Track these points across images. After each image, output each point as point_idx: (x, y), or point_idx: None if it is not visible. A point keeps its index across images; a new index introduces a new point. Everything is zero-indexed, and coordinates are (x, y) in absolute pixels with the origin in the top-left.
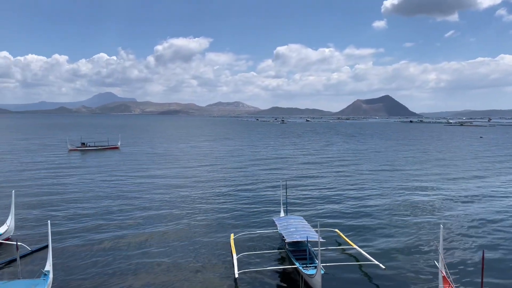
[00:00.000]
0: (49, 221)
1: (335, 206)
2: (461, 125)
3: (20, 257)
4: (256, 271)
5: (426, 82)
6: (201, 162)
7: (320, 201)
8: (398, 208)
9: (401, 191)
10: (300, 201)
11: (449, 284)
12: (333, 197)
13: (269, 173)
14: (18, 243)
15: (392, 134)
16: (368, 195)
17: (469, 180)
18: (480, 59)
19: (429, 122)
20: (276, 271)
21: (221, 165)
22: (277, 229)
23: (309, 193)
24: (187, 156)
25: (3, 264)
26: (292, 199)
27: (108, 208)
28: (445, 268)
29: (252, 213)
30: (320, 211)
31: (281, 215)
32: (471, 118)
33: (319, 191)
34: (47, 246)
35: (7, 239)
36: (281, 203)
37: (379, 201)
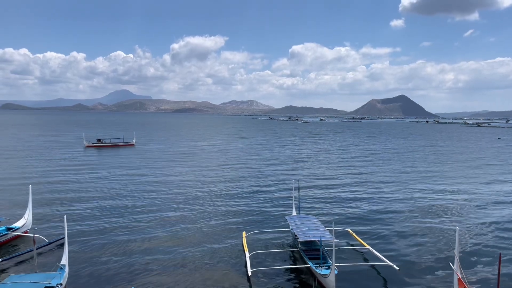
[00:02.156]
0: (65, 216)
1: (348, 206)
2: (479, 126)
3: (37, 249)
4: (269, 269)
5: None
6: (215, 160)
7: (332, 200)
8: (413, 208)
9: (416, 192)
10: (312, 200)
11: (465, 286)
12: (345, 196)
13: (282, 172)
14: (36, 235)
15: (408, 134)
16: (382, 195)
17: (487, 182)
18: (499, 59)
19: (445, 123)
20: (289, 270)
21: (234, 164)
22: (289, 228)
23: (321, 192)
24: (201, 155)
25: (21, 256)
26: (304, 198)
27: (124, 206)
28: (460, 271)
29: (264, 211)
30: (332, 210)
31: (293, 214)
32: (488, 119)
33: (332, 191)
34: (63, 239)
35: (25, 232)
36: (293, 202)
37: (394, 201)
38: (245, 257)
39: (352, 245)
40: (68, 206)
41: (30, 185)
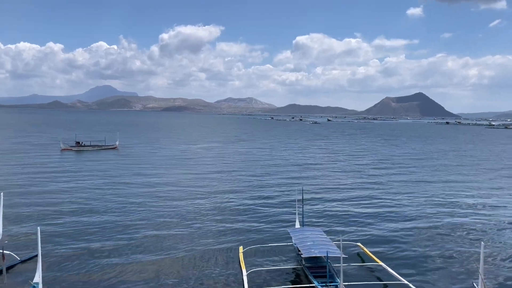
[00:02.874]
0: (38, 228)
1: (358, 217)
2: (506, 127)
3: (7, 268)
4: None
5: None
6: (209, 166)
7: (340, 211)
8: (433, 221)
9: (436, 203)
10: (318, 211)
11: None
12: (355, 207)
13: (284, 179)
14: (5, 252)
15: (427, 137)
16: (397, 206)
17: None
18: None
19: (468, 124)
20: None
21: (231, 170)
22: (292, 242)
23: (328, 202)
24: (194, 159)
25: None
26: (309, 208)
27: (104, 220)
28: None
29: (263, 223)
30: (340, 222)
31: (296, 227)
32: None
33: (340, 200)
34: (36, 256)
35: None
36: (297, 213)
37: (410, 212)
38: (242, 275)
39: (363, 262)
40: (42, 219)
41: (1, 193)
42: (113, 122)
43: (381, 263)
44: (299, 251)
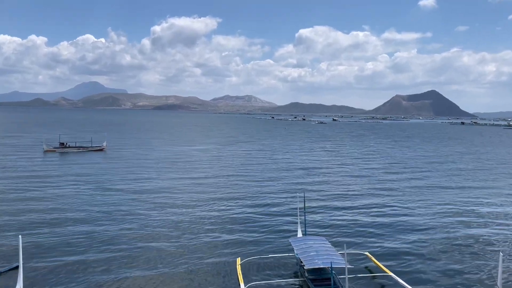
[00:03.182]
0: (20, 237)
1: (365, 224)
2: None
3: None
4: None
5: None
6: (205, 169)
7: (346, 220)
8: (448, 231)
9: (452, 211)
10: (321, 219)
11: None
12: (363, 215)
13: (286, 184)
14: None
15: (441, 138)
16: (409, 214)
17: None
18: None
19: (485, 124)
20: None
21: (227, 174)
22: (293, 252)
23: (333, 208)
24: (189, 162)
25: None
26: (312, 216)
27: (90, 225)
28: None
29: (263, 232)
30: (346, 230)
31: (298, 236)
32: None
33: (346, 206)
34: (17, 267)
35: None
36: (299, 221)
37: (423, 219)
38: None
39: (370, 272)
40: (24, 228)
41: None
42: (100, 121)
43: (390, 273)
44: (301, 262)
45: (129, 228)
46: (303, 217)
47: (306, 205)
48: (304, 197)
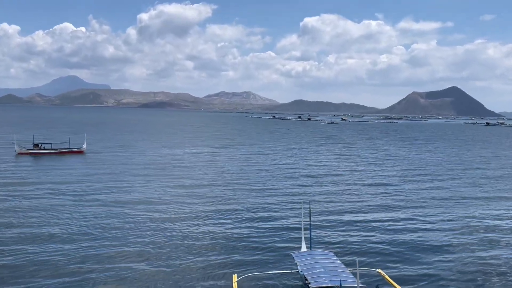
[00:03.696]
0: None
1: (378, 238)
2: None
3: None
4: None
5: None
6: (197, 176)
7: (357, 233)
8: (471, 247)
9: (477, 227)
10: (329, 231)
11: None
12: (375, 226)
13: (288, 192)
14: None
15: (464, 141)
16: (427, 227)
17: None
18: None
19: None
20: None
21: (223, 181)
22: (297, 268)
23: (342, 219)
24: (180, 167)
25: None
26: (318, 227)
27: (66, 243)
28: None
29: (262, 245)
30: (357, 246)
31: (302, 250)
32: None
33: (357, 218)
34: None
35: None
36: (303, 234)
37: (445, 238)
38: None
39: None
40: None
41: None
42: (79, 120)
43: None
44: (306, 280)
45: (112, 245)
46: (308, 229)
47: (312, 215)
48: (310, 207)
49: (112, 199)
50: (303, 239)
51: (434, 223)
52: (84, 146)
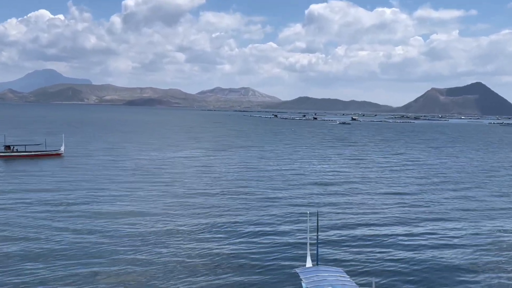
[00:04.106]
0: None
1: (394, 254)
2: None
3: None
4: None
5: None
6: (189, 183)
7: (369, 246)
8: (501, 266)
9: (503, 235)
10: (338, 245)
11: None
12: (391, 240)
13: (292, 202)
14: None
15: (489, 143)
16: (451, 242)
17: None
18: None
19: None
20: None
21: (221, 188)
22: (301, 286)
23: (352, 232)
24: (170, 173)
25: None
26: (325, 241)
27: (39, 262)
28: None
29: (263, 260)
30: (370, 262)
31: (307, 265)
32: None
33: (369, 230)
34: None
35: None
36: (308, 248)
37: (469, 252)
38: None
39: None
40: None
41: None
42: (57, 119)
43: None
44: None
45: (92, 264)
46: (314, 243)
47: (319, 227)
48: (317, 219)
49: (93, 210)
50: (308, 254)
51: (457, 238)
52: (62, 148)
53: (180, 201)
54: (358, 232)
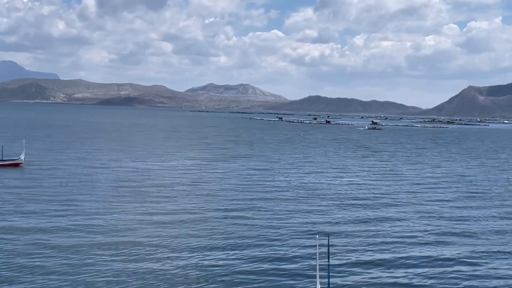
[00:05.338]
0: None
1: (420, 277)
2: None
3: None
4: None
5: None
6: (177, 200)
7: (392, 276)
8: None
9: None
10: (353, 273)
11: None
12: (419, 270)
13: (298, 220)
14: None
15: None
16: (490, 270)
17: None
18: None
19: None
20: None
21: (215, 207)
22: None
23: (371, 258)
24: (155, 189)
25: None
26: (338, 264)
27: None
28: None
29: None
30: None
31: None
32: None
33: (393, 256)
34: None
35: None
36: (318, 275)
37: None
38: None
39: None
40: None
41: None
42: (17, 121)
43: None
44: None
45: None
46: (325, 269)
47: (330, 252)
48: (328, 242)
49: (58, 231)
50: (317, 280)
51: (506, 269)
52: (22, 157)
53: (168, 221)
54: (379, 257)
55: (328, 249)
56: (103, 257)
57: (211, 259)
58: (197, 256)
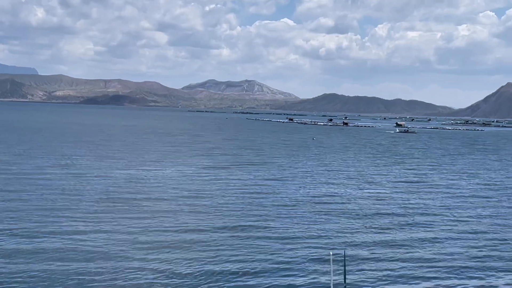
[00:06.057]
0: None
1: None
2: None
3: None
4: None
5: None
6: (178, 215)
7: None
8: None
9: None
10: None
11: None
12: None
13: (310, 234)
14: None
15: None
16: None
17: None
18: None
19: None
20: None
21: (218, 220)
22: None
23: (394, 278)
24: (149, 201)
25: None
26: (354, 284)
27: None
28: None
29: None
30: None
31: None
32: None
33: (419, 279)
34: None
35: None
36: None
37: None
38: None
39: None
40: None
41: None
42: None
43: None
44: None
45: None
46: (342, 283)
47: (346, 270)
48: (345, 260)
49: (35, 251)
50: None
51: None
52: None
53: (167, 238)
54: (402, 278)
55: (345, 268)
56: (87, 277)
57: (211, 280)
58: (196, 276)
